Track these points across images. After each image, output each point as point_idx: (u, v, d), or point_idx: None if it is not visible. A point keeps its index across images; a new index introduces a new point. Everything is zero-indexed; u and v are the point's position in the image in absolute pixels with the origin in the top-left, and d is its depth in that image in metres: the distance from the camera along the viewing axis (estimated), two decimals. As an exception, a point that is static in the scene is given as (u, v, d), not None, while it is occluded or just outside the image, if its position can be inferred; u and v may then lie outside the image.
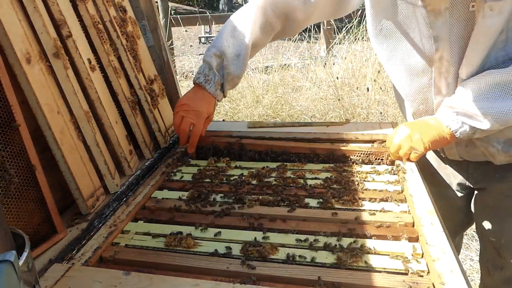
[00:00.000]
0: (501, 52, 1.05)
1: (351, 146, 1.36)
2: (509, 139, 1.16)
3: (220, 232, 0.97)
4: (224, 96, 1.42)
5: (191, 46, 9.84)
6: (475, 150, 1.24)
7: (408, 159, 1.23)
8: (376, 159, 1.32)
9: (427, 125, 1.18)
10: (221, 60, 1.35)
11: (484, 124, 1.06)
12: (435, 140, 1.16)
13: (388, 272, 0.82)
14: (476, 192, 1.40)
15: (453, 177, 1.42)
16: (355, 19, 4.94)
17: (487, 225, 1.37)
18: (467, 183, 1.39)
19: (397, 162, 1.27)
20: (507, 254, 1.32)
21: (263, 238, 0.94)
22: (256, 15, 1.35)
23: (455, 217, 1.48)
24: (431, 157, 1.46)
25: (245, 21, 1.34)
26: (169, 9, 6.18)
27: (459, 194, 1.44)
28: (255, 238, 0.93)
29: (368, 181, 1.20)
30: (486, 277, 1.45)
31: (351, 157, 1.33)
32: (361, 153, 1.32)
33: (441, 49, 1.09)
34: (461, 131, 1.12)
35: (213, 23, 7.33)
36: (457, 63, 1.11)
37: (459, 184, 1.42)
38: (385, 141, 1.33)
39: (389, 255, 0.87)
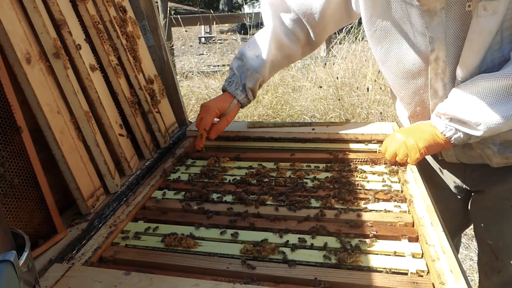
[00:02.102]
0: (497, 54, 1.04)
1: (350, 155, 1.35)
2: (505, 141, 1.15)
3: (220, 232, 0.97)
4: (252, 97, 1.46)
5: (191, 46, 9.84)
6: (472, 152, 1.23)
7: (407, 163, 1.23)
8: (374, 164, 1.32)
9: (422, 131, 1.18)
10: (242, 61, 1.43)
11: (477, 131, 1.06)
12: (430, 145, 1.16)
13: (388, 272, 0.82)
14: (473, 194, 1.40)
15: (450, 180, 1.42)
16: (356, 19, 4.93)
17: (484, 227, 1.36)
18: (464, 186, 1.39)
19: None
20: (504, 257, 1.32)
21: (263, 238, 0.94)
22: (275, 24, 1.40)
23: (453, 219, 1.47)
24: (429, 159, 1.46)
25: (266, 31, 1.42)
26: (169, 9, 6.17)
27: (457, 197, 1.43)
28: (255, 238, 0.94)
29: (368, 181, 1.19)
30: (484, 280, 1.44)
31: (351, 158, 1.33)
32: (358, 161, 1.32)
33: (436, 50, 1.09)
34: (456, 137, 1.12)
35: (214, 23, 7.33)
36: (453, 64, 1.10)
37: (456, 187, 1.41)
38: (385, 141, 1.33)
39: (389, 255, 0.87)
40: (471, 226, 1.55)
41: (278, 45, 1.42)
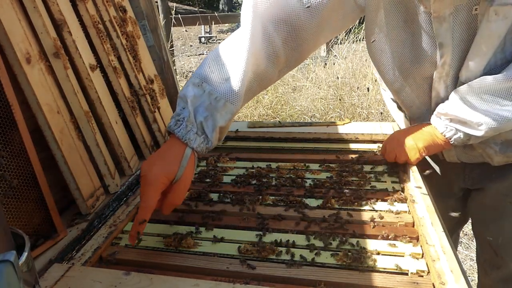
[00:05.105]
0: (500, 55, 1.04)
1: (350, 155, 1.34)
2: (506, 141, 1.16)
3: (220, 232, 0.97)
4: (216, 140, 1.01)
5: (191, 46, 9.85)
6: (473, 152, 1.23)
7: (407, 163, 1.23)
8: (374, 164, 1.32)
9: (421, 132, 1.18)
10: (201, 89, 0.99)
11: (478, 131, 1.06)
12: (429, 145, 1.16)
13: (388, 272, 0.82)
14: (472, 192, 1.40)
15: (450, 179, 1.42)
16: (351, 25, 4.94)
17: (484, 224, 1.37)
18: (464, 185, 1.39)
19: (397, 162, 1.27)
20: (504, 253, 1.32)
21: (263, 238, 0.94)
22: (256, 34, 1.05)
23: (452, 217, 1.48)
24: (428, 159, 1.46)
25: (241, 44, 1.03)
26: (170, 9, 6.18)
27: (456, 195, 1.43)
28: (255, 238, 0.94)
29: (368, 181, 1.19)
30: (484, 277, 1.45)
31: (351, 157, 1.33)
32: (358, 161, 1.31)
33: (445, 55, 1.08)
34: (456, 137, 1.12)
35: (214, 23, 7.35)
36: (457, 67, 1.10)
37: (455, 186, 1.41)
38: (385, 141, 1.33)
39: (389, 255, 0.87)
40: (471, 227, 1.55)
41: (255, 64, 1.06)
